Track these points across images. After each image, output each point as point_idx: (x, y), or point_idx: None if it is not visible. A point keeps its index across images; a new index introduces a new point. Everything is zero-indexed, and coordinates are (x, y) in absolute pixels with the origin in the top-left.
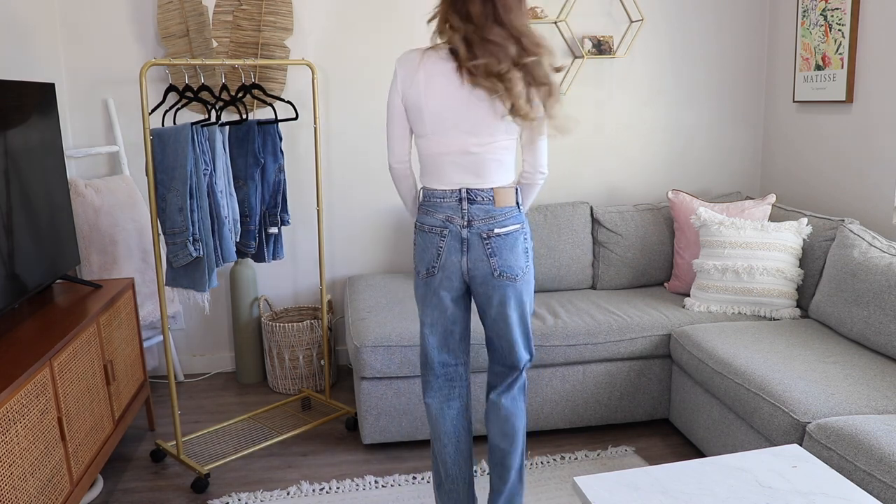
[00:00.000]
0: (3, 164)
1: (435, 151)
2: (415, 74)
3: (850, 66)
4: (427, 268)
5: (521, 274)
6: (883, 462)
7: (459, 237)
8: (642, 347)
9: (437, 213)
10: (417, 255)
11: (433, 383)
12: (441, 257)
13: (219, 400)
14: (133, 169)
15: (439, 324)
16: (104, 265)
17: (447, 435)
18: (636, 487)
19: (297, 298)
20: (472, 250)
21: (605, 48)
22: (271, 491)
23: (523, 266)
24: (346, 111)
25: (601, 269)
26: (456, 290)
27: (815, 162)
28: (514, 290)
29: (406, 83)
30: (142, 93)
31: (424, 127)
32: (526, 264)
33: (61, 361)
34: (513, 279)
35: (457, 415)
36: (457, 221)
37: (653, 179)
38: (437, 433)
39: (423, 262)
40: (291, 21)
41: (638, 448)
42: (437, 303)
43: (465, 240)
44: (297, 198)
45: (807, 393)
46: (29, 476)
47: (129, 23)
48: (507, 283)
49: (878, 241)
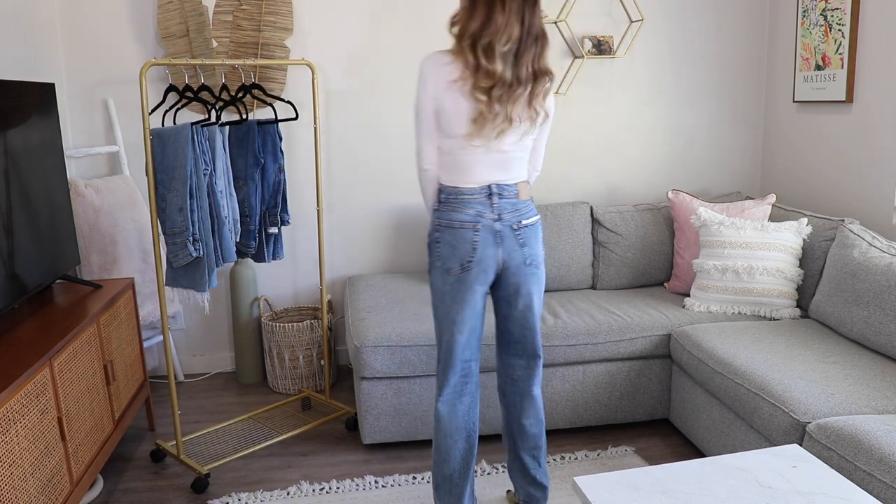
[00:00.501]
0: (3, 164)
1: (467, 151)
2: (448, 76)
3: (850, 66)
4: (461, 263)
5: (541, 261)
6: (883, 462)
7: (493, 230)
8: (642, 347)
9: (467, 209)
10: (445, 252)
11: (450, 384)
12: (477, 251)
13: (219, 400)
14: (133, 169)
15: (468, 320)
16: (104, 265)
17: (458, 431)
18: (636, 487)
19: (297, 298)
20: (505, 241)
21: (605, 48)
22: (271, 491)
23: (542, 254)
24: (346, 111)
25: (601, 269)
26: (488, 284)
27: (815, 162)
28: (538, 277)
29: (438, 86)
30: (142, 93)
31: (457, 127)
32: (544, 252)
33: (61, 361)
34: (537, 266)
35: (467, 410)
36: (487, 216)
37: (653, 179)
38: (447, 432)
39: (455, 258)
40: (291, 21)
41: (638, 448)
42: (469, 298)
43: (498, 232)
44: (297, 198)
45: (807, 393)
46: (29, 476)
47: (129, 23)
48: (533, 270)
49: (878, 241)
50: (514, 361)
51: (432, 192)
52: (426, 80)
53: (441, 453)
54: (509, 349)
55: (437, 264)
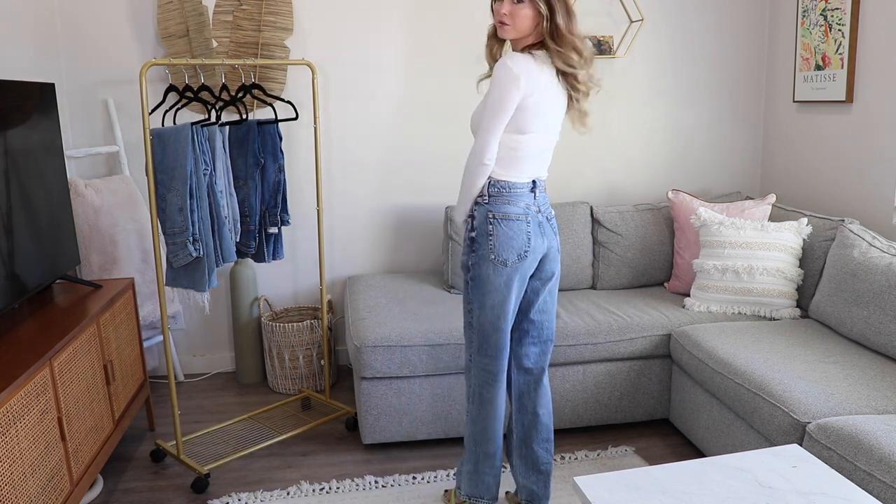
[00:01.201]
0: (3, 164)
1: (533, 146)
2: (538, 77)
3: (850, 66)
4: (518, 254)
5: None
6: (883, 462)
7: (538, 221)
8: (642, 347)
9: (519, 202)
10: (501, 244)
11: (501, 371)
12: (531, 241)
13: (219, 400)
14: (133, 169)
15: (513, 310)
16: (104, 265)
17: (502, 412)
18: (636, 487)
19: (297, 298)
20: (545, 232)
21: (605, 48)
22: (271, 491)
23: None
24: (346, 111)
25: (601, 269)
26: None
27: (815, 162)
28: (559, 263)
29: (530, 85)
30: (142, 93)
31: (533, 125)
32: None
33: (61, 361)
34: (558, 252)
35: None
36: (532, 208)
37: (653, 179)
38: (497, 413)
39: (513, 249)
40: (291, 21)
41: (638, 448)
42: (520, 287)
43: (541, 223)
44: (297, 198)
45: (807, 393)
46: (29, 476)
47: (128, 23)
48: (558, 256)
49: (878, 241)
50: (529, 350)
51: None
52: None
53: (487, 433)
54: (526, 338)
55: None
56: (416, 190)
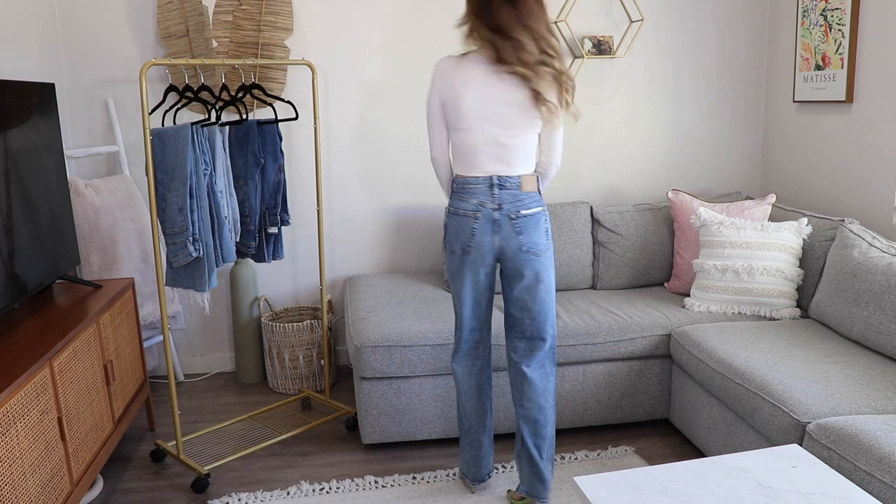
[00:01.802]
0: (3, 164)
1: (471, 142)
2: (452, 77)
3: (850, 66)
4: (462, 247)
5: (543, 250)
6: (883, 462)
7: (491, 219)
8: (642, 347)
9: (471, 198)
10: (451, 236)
11: (462, 347)
12: (475, 237)
13: (219, 400)
14: (133, 169)
15: (471, 295)
16: (104, 265)
17: (470, 389)
18: (636, 487)
19: (297, 298)
20: (502, 229)
21: (605, 48)
22: (271, 491)
23: (545, 243)
24: (346, 111)
25: (601, 269)
26: (488, 266)
27: (815, 162)
28: (539, 263)
29: (444, 85)
30: (142, 93)
31: (462, 121)
32: (547, 241)
33: (61, 361)
34: (537, 254)
35: (479, 371)
36: (488, 205)
37: (653, 179)
38: (462, 388)
39: (458, 242)
40: (291, 21)
41: (638, 448)
42: (470, 276)
43: (496, 221)
44: (297, 198)
45: (807, 393)
46: (29, 476)
47: (128, 23)
48: (532, 257)
49: (878, 241)
50: (516, 343)
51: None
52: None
53: (459, 408)
54: (511, 331)
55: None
56: (416, 190)
